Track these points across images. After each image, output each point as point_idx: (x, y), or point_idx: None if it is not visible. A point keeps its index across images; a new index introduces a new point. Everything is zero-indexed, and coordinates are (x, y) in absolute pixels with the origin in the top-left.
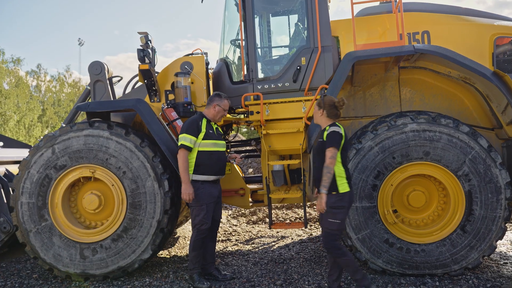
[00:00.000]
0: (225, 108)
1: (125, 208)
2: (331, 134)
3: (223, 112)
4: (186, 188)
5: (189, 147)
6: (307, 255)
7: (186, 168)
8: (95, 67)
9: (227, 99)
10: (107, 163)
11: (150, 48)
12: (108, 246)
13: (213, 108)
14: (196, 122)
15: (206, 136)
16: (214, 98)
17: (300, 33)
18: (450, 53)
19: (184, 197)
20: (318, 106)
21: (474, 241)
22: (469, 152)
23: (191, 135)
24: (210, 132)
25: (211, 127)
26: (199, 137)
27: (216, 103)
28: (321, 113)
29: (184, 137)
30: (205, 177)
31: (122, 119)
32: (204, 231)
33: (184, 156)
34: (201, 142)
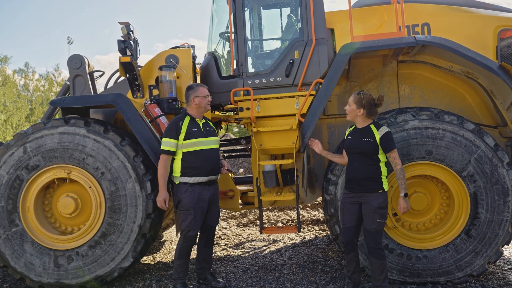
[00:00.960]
0: (205, 94)
1: (103, 212)
2: (389, 134)
3: (205, 101)
4: (161, 194)
5: (170, 151)
6: (300, 261)
7: (163, 174)
8: (75, 61)
9: (201, 85)
10: (84, 163)
11: (132, 39)
12: (85, 253)
13: (193, 102)
14: (175, 124)
15: (188, 136)
16: (188, 93)
17: (293, 25)
18: (454, 45)
19: (158, 204)
20: (358, 104)
21: (480, 246)
22: (474, 151)
23: (171, 138)
24: (194, 131)
25: (195, 125)
26: (180, 139)
27: (193, 96)
28: (360, 112)
29: (164, 142)
30: (195, 179)
31: (103, 116)
32: (191, 238)
33: (163, 162)
34: (183, 143)
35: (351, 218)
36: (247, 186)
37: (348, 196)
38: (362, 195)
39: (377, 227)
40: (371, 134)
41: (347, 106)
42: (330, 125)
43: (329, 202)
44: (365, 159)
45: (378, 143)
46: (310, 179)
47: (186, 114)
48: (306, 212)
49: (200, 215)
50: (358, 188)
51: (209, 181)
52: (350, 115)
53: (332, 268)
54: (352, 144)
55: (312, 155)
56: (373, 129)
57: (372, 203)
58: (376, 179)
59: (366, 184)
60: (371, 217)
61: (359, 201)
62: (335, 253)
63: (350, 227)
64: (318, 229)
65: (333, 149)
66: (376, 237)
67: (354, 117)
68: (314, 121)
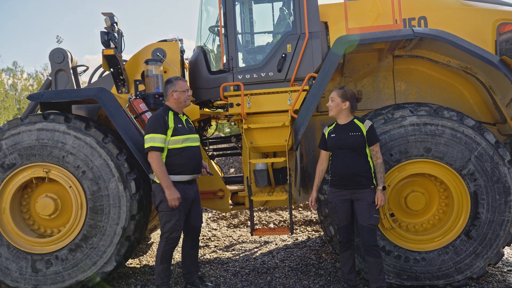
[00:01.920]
0: (184, 89)
1: (84, 213)
2: (374, 128)
3: (184, 95)
4: (171, 193)
5: (160, 147)
6: (293, 263)
7: (165, 171)
8: (57, 54)
9: (180, 79)
10: (63, 161)
11: (116, 31)
12: (65, 257)
13: (171, 97)
14: (162, 118)
15: (175, 132)
16: (166, 87)
17: (285, 18)
18: (454, 38)
19: (171, 204)
20: (342, 98)
21: (480, 248)
22: (475, 149)
23: (160, 133)
24: (179, 127)
25: (179, 121)
26: (168, 134)
27: (171, 91)
28: (346, 105)
29: (152, 138)
30: (179, 177)
31: (86, 113)
32: (174, 240)
33: (158, 159)
34: (170, 139)
35: (345, 216)
36: (238, 186)
37: (339, 194)
38: (355, 191)
39: (375, 222)
40: (357, 128)
41: (330, 102)
42: (324, 121)
43: (324, 202)
44: (355, 154)
45: (365, 136)
46: (303, 178)
47: (168, 108)
48: (298, 213)
49: (183, 215)
50: (351, 185)
51: (192, 180)
52: (334, 110)
53: (326, 271)
54: (339, 140)
55: (305, 153)
56: (358, 123)
57: (367, 199)
58: (367, 174)
59: (358, 180)
60: (368, 212)
61: (352, 198)
62: (329, 255)
63: (345, 226)
64: (310, 229)
65: None
66: (373, 233)
67: (339, 111)
68: (307, 117)
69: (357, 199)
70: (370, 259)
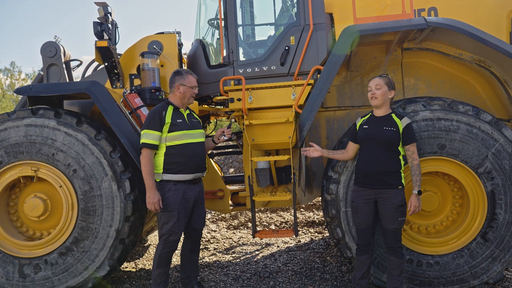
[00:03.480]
0: (192, 85)
1: (75, 215)
2: (412, 126)
3: (190, 92)
4: (150, 195)
5: (153, 145)
6: (296, 267)
7: (150, 171)
8: (49, 48)
9: (191, 74)
10: (53, 159)
11: (110, 22)
12: (55, 261)
13: (177, 90)
14: (158, 113)
15: (172, 128)
16: (174, 78)
17: (288, 9)
18: (470, 28)
19: (149, 207)
20: (389, 86)
21: (497, 251)
22: (492, 145)
23: (154, 130)
24: (179, 122)
25: (179, 116)
26: (163, 130)
27: (178, 83)
28: (392, 94)
29: (145, 134)
30: (180, 177)
31: (79, 109)
32: (172, 243)
33: (147, 157)
34: (167, 135)
35: (367, 218)
36: (238, 186)
37: (363, 193)
38: (381, 191)
39: (399, 225)
40: (394, 123)
41: (374, 89)
42: (329, 118)
43: (330, 202)
44: (386, 150)
45: (400, 133)
46: (308, 177)
47: (168, 103)
48: (300, 214)
49: (184, 217)
50: (376, 184)
51: (194, 179)
52: (380, 98)
53: (332, 275)
54: (371, 133)
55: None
56: (395, 119)
57: (393, 201)
58: (396, 173)
59: (386, 178)
60: (393, 216)
61: (376, 198)
62: (334, 258)
63: (366, 228)
64: (313, 231)
65: (333, 144)
66: (397, 235)
67: (385, 100)
68: (313, 113)
69: (383, 199)
70: (391, 258)
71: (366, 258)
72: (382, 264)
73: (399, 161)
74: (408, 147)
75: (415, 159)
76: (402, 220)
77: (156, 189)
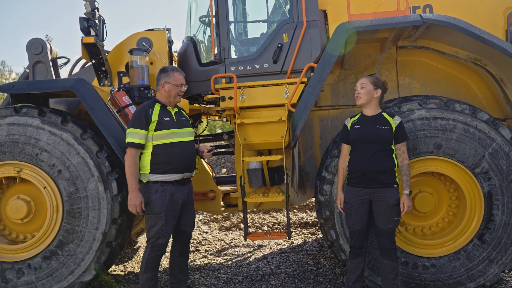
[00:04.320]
0: (178, 83)
1: (60, 217)
2: (403, 124)
3: (176, 90)
4: (133, 197)
5: (138, 144)
6: (290, 270)
7: (133, 172)
8: (35, 45)
9: (177, 71)
10: (37, 159)
11: (98, 18)
12: (38, 266)
13: (162, 88)
14: (144, 111)
15: (159, 126)
16: (159, 76)
17: (281, 6)
18: (466, 25)
19: (130, 209)
20: (374, 85)
21: (494, 253)
22: (489, 145)
23: (139, 128)
24: (166, 120)
25: (167, 114)
26: (150, 129)
27: (163, 81)
28: (378, 93)
29: (131, 133)
30: (167, 177)
31: (66, 107)
32: (160, 247)
33: (132, 157)
34: (154, 134)
35: (361, 219)
36: (230, 187)
37: (358, 194)
38: (377, 191)
39: (394, 226)
40: (386, 121)
41: (360, 88)
42: (323, 117)
43: (324, 203)
44: (380, 150)
45: (393, 132)
46: (301, 178)
47: (155, 101)
48: (293, 215)
49: (172, 219)
50: (373, 183)
51: (183, 179)
52: (364, 97)
53: (325, 278)
54: (365, 132)
55: (303, 151)
56: (387, 117)
57: (389, 200)
58: (391, 172)
59: (382, 178)
60: (388, 215)
61: (371, 198)
62: (327, 260)
63: (360, 230)
64: (306, 232)
65: (326, 144)
66: (392, 237)
67: (370, 99)
68: (306, 111)
69: (378, 199)
70: (386, 262)
71: (360, 261)
72: (376, 266)
73: (393, 159)
74: (399, 146)
75: (405, 158)
76: (397, 221)
77: (138, 191)
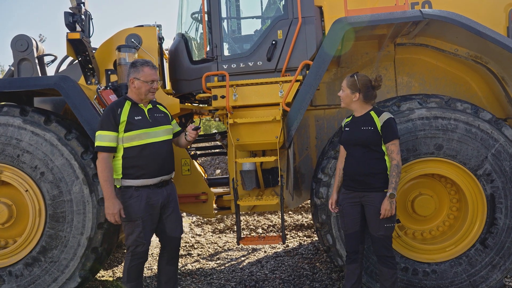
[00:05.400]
0: (148, 79)
1: (43, 222)
2: (392, 121)
3: (147, 87)
4: (109, 205)
5: (108, 147)
6: (284, 274)
7: (107, 177)
8: (20, 42)
9: (148, 65)
10: (18, 161)
11: (84, 13)
12: (20, 273)
13: (131, 84)
14: (112, 111)
15: (129, 126)
16: (129, 70)
17: (275, 2)
18: (468, 21)
19: (108, 218)
20: (352, 89)
21: (497, 258)
22: (492, 145)
23: (108, 130)
24: (137, 119)
25: (138, 112)
26: (120, 130)
27: (132, 77)
28: (356, 97)
29: (99, 136)
30: (141, 181)
31: (52, 108)
32: (141, 255)
33: (104, 162)
34: (124, 136)
35: (353, 222)
36: (223, 189)
37: (348, 196)
38: (364, 195)
39: (385, 232)
40: (372, 121)
41: (340, 91)
42: (318, 117)
43: (320, 207)
44: (367, 152)
45: (379, 131)
46: (296, 180)
47: (125, 98)
48: (288, 217)
49: (150, 225)
50: (358, 187)
51: (160, 183)
52: (344, 101)
53: (321, 284)
54: (351, 135)
55: (298, 152)
56: (373, 116)
57: (377, 205)
58: (380, 175)
59: (368, 181)
60: (377, 221)
61: (361, 201)
62: (323, 264)
63: (353, 233)
64: (302, 235)
65: (322, 145)
66: (386, 244)
67: (349, 103)
68: (301, 111)
69: (367, 204)
70: (383, 269)
71: (356, 267)
72: (375, 272)
73: (384, 162)
74: (387, 145)
75: (394, 158)
76: (390, 227)
77: (115, 198)
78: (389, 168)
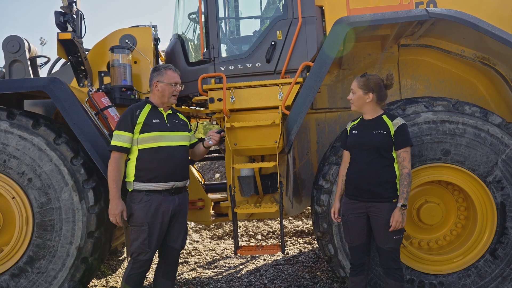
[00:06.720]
0: (172, 81)
1: (30, 230)
2: (406, 128)
3: (170, 89)
4: (113, 205)
5: (123, 147)
6: (284, 284)
7: (116, 178)
8: (12, 43)
9: (170, 69)
10: (5, 166)
11: (75, 12)
12: (6, 284)
13: (154, 88)
14: (131, 112)
15: (145, 128)
16: (152, 75)
17: (274, 2)
18: (477, 20)
19: (110, 218)
20: (364, 89)
21: (508, 269)
22: (502, 151)
23: (124, 130)
24: (154, 122)
25: (157, 115)
26: (135, 131)
27: (156, 80)
28: (370, 98)
29: (115, 136)
30: (153, 185)
31: (43, 110)
32: (142, 264)
33: (115, 162)
34: (139, 137)
35: (360, 234)
36: (221, 195)
37: (353, 206)
38: (372, 205)
39: (395, 245)
40: (384, 125)
41: (351, 94)
42: (319, 121)
43: (321, 215)
44: (377, 158)
45: (392, 136)
46: (296, 186)
47: (147, 101)
48: (288, 222)
49: (157, 233)
50: (366, 196)
51: (173, 189)
52: (356, 103)
53: None
54: (360, 139)
55: (298, 157)
56: (386, 120)
57: (386, 216)
58: (389, 185)
59: (375, 190)
60: (386, 233)
61: (367, 212)
62: (324, 273)
63: (360, 246)
64: (302, 242)
65: (323, 149)
66: (394, 256)
67: (362, 105)
68: (302, 114)
69: (374, 214)
70: (390, 281)
71: (361, 279)
72: (379, 284)
73: (394, 169)
74: (399, 152)
75: (405, 167)
76: (399, 239)
77: (120, 199)
78: (398, 176)
